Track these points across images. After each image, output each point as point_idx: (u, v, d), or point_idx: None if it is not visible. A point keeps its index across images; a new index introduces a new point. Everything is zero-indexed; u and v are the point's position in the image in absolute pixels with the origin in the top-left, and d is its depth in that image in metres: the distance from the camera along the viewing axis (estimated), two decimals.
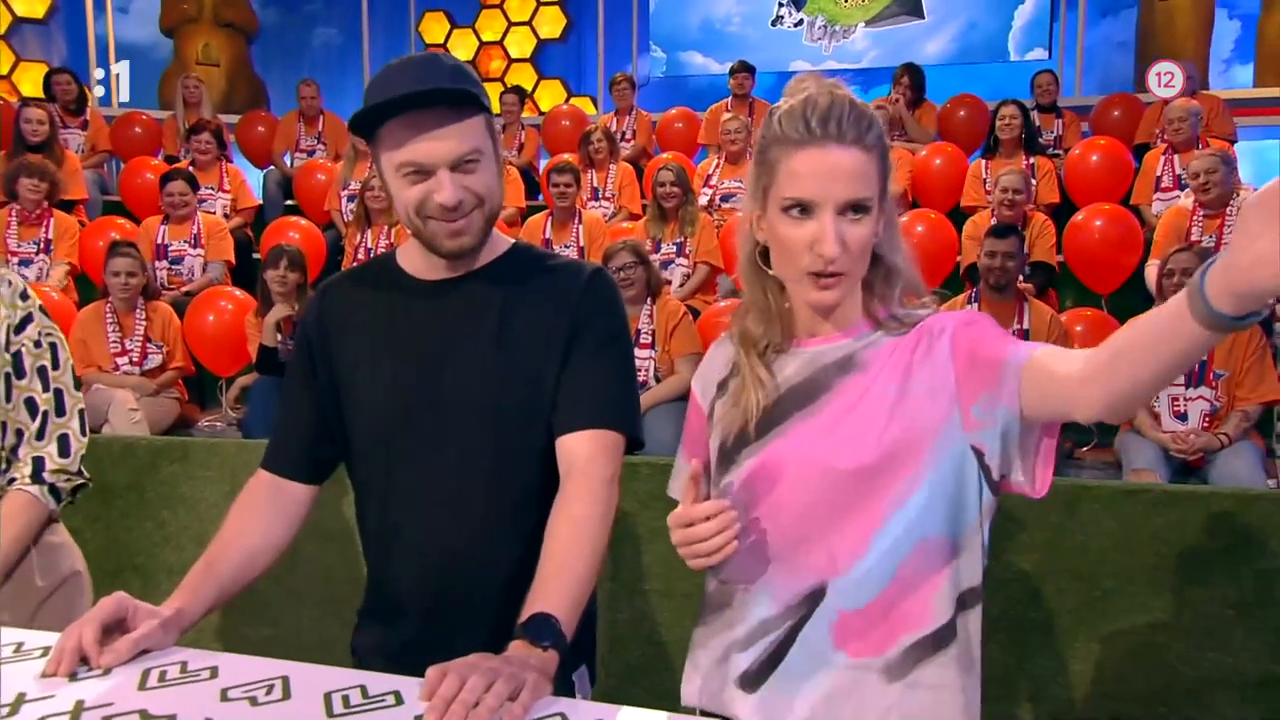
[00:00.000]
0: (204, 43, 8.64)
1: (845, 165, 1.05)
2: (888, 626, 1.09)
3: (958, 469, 1.08)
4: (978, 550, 1.11)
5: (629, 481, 2.50)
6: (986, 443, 1.05)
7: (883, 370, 1.10)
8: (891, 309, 1.13)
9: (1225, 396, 3.38)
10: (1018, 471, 1.05)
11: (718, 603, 1.18)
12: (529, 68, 9.33)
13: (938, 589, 1.09)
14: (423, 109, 1.17)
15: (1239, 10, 7.63)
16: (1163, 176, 5.10)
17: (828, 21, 8.50)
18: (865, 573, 1.08)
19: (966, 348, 1.07)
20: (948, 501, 1.08)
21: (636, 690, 2.50)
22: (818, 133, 1.05)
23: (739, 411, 1.15)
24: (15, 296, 1.48)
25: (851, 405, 1.09)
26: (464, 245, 1.24)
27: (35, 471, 1.49)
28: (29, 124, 5.52)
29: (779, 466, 1.11)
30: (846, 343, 1.13)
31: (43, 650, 1.06)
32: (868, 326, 1.14)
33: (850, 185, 1.05)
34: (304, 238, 5.10)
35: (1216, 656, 2.16)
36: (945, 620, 1.09)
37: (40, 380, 1.49)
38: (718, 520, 1.05)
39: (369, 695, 0.96)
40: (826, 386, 1.11)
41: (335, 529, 2.54)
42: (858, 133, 1.05)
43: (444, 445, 1.26)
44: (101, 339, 4.12)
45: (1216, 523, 2.17)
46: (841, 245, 1.05)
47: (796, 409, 1.12)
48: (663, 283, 4.07)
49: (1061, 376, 0.96)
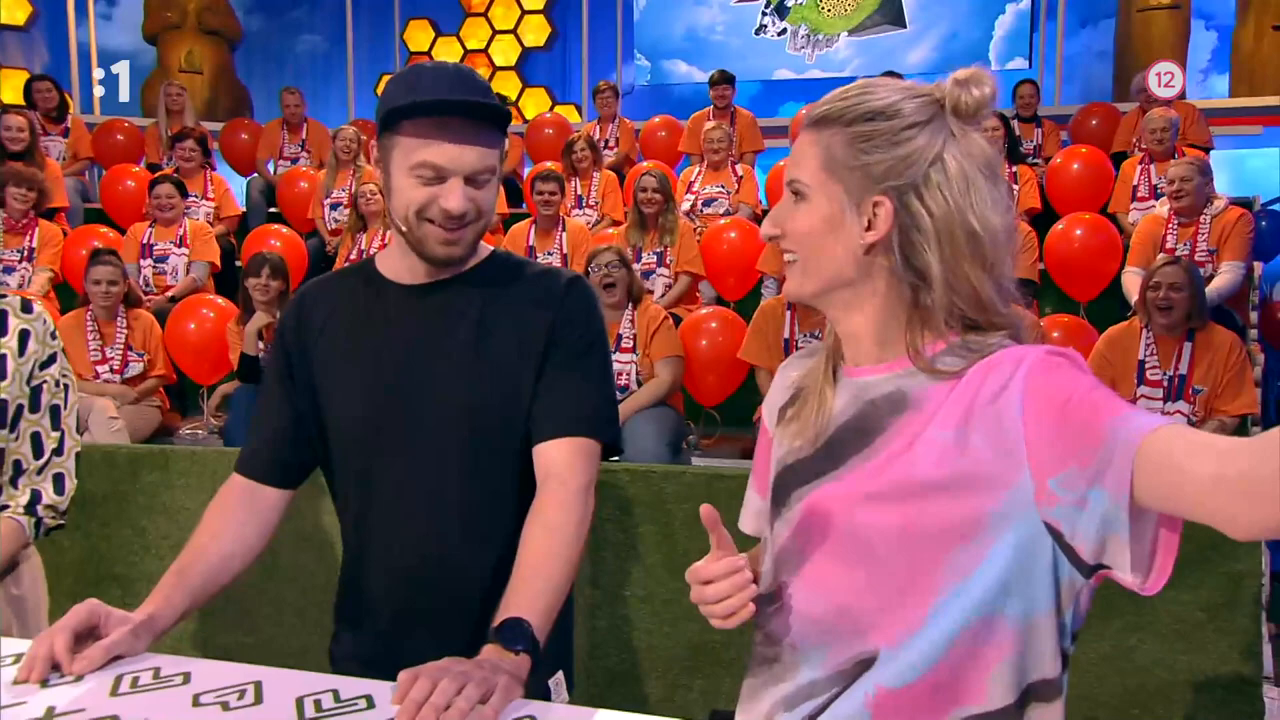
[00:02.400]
0: (187, 50, 8.63)
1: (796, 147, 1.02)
2: (936, 704, 0.95)
3: (1026, 543, 0.91)
4: (1054, 637, 0.94)
5: (609, 488, 2.51)
6: (1065, 521, 0.87)
7: (938, 412, 0.94)
8: (948, 339, 0.97)
9: (1203, 411, 3.39)
10: (1120, 566, 0.86)
11: (764, 656, 1.08)
12: (514, 76, 9.35)
13: (994, 668, 0.93)
14: (455, 117, 1.20)
15: (1215, 21, 7.74)
16: (1139, 185, 5.16)
17: (811, 31, 8.57)
18: (917, 647, 0.94)
19: (1046, 403, 0.88)
20: (1016, 578, 0.92)
21: (615, 697, 2.50)
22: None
23: (802, 424, 1.04)
24: (47, 335, 1.53)
25: (903, 449, 0.95)
26: (453, 255, 1.26)
27: (30, 503, 1.53)
28: (9, 131, 5.49)
29: (828, 514, 1.00)
30: (893, 375, 0.99)
31: (14, 657, 1.06)
32: (914, 359, 0.98)
33: (789, 167, 1.02)
34: (286, 245, 5.10)
35: (1188, 659, 2.19)
36: (1007, 703, 0.94)
37: (51, 419, 1.55)
38: (729, 582, 0.96)
39: (341, 699, 0.96)
40: (880, 427, 0.98)
41: (314, 536, 2.54)
42: (816, 114, 1.01)
43: (419, 450, 1.27)
44: (82, 347, 4.10)
45: (1188, 526, 2.18)
46: (780, 226, 1.01)
47: (854, 451, 0.99)
48: (644, 289, 4.09)
49: (1194, 477, 0.78)
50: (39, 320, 1.53)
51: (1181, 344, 3.43)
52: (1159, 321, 3.43)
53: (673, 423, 3.72)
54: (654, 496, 2.52)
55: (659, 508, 2.52)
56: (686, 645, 2.46)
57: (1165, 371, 3.43)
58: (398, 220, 1.26)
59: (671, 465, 3.02)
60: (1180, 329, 3.43)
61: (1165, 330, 3.44)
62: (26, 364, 1.50)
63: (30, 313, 1.52)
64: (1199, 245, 4.30)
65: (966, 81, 0.97)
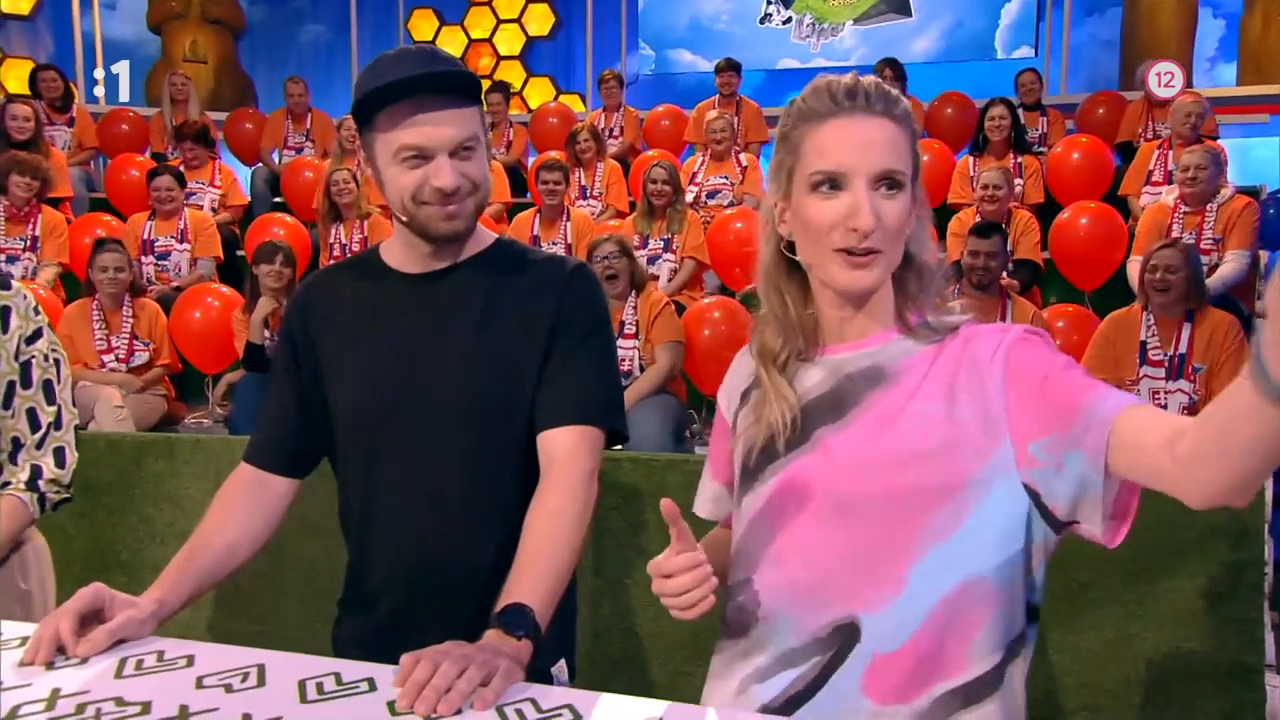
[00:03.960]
0: (191, 39, 8.61)
1: (876, 135, 0.99)
2: (920, 673, 0.99)
3: (1005, 504, 0.98)
4: (1025, 595, 1.02)
5: (613, 476, 2.52)
6: (1043, 483, 0.96)
7: (922, 385, 1.01)
8: (924, 314, 1.05)
9: (1204, 390, 3.42)
10: (1092, 521, 0.94)
11: (734, 630, 1.11)
12: (518, 65, 9.33)
13: (977, 635, 0.99)
14: (424, 95, 1.19)
15: (1222, 9, 7.68)
16: (1154, 170, 5.14)
17: (816, 20, 8.53)
18: (901, 611, 0.99)
19: (1028, 376, 0.96)
20: (995, 539, 0.98)
21: (618, 683, 2.52)
22: (845, 104, 1.00)
23: (760, 426, 1.07)
24: (29, 310, 1.54)
25: (887, 420, 1.00)
26: (456, 229, 1.26)
27: (31, 479, 1.53)
28: (14, 120, 5.50)
29: (805, 485, 1.03)
30: (873, 350, 1.05)
31: (20, 640, 1.07)
32: (897, 333, 1.05)
33: (882, 155, 0.99)
34: (290, 235, 5.10)
35: (1189, 647, 2.20)
36: (987, 669, 0.99)
37: (45, 394, 1.54)
38: (690, 575, 0.99)
39: (343, 682, 0.97)
40: (855, 399, 1.03)
41: (321, 523, 2.54)
42: (886, 105, 1.00)
43: (424, 436, 1.27)
44: (88, 336, 4.11)
45: (1189, 515, 2.18)
46: (876, 218, 0.97)
47: (823, 422, 1.04)
48: (648, 276, 4.09)
49: (1153, 450, 0.86)
50: (18, 295, 1.52)
51: (1181, 324, 3.49)
52: (1157, 301, 3.49)
53: (675, 411, 3.73)
54: (656, 485, 2.53)
55: (661, 496, 2.52)
56: (688, 632, 2.46)
57: (1166, 351, 3.49)
58: (397, 211, 1.26)
59: (674, 454, 3.02)
60: (1178, 309, 3.49)
61: (1163, 310, 3.50)
62: (11, 340, 1.49)
63: (8, 289, 1.52)
64: (1205, 233, 4.30)
65: None
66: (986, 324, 1.04)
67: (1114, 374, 3.56)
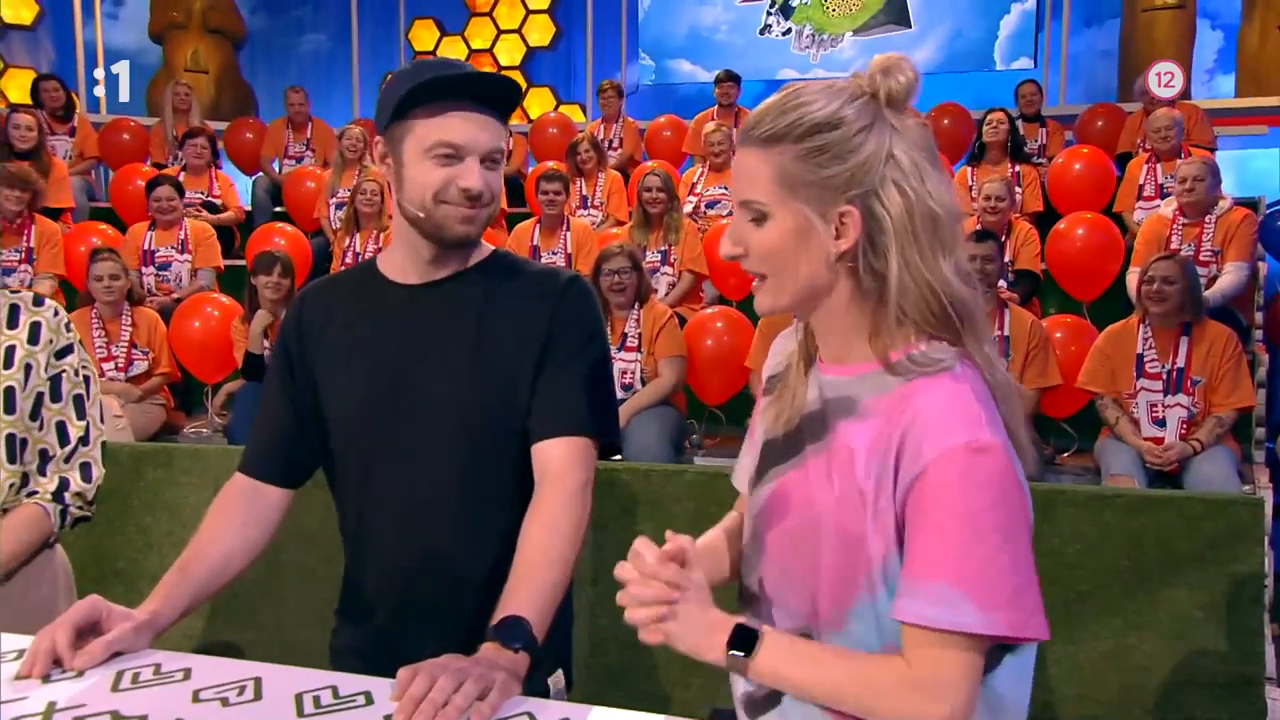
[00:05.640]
0: (192, 49, 8.63)
1: (743, 167, 1.02)
2: None
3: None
4: None
5: (610, 487, 2.52)
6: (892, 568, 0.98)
7: (879, 431, 0.98)
8: (908, 350, 0.99)
9: (1202, 402, 3.43)
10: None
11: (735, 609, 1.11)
12: (518, 75, 9.35)
13: None
14: (468, 99, 1.22)
15: (1220, 21, 7.70)
16: (1145, 185, 5.15)
17: (815, 30, 8.55)
18: (848, 641, 1.00)
19: (923, 505, 0.94)
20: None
21: (616, 693, 2.51)
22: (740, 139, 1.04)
23: (778, 423, 1.10)
24: (60, 326, 1.55)
25: (847, 454, 1.00)
26: (470, 234, 1.27)
27: (58, 490, 1.53)
28: (17, 130, 5.51)
29: (786, 500, 1.06)
30: (850, 380, 1.03)
31: (17, 653, 1.07)
32: (879, 364, 1.01)
33: (737, 186, 1.02)
34: (290, 244, 5.10)
35: (1188, 659, 2.19)
36: None
37: (75, 408, 1.55)
38: (655, 591, 0.99)
39: (340, 696, 0.97)
40: (833, 426, 1.03)
41: (318, 532, 2.54)
42: (759, 133, 1.00)
43: (418, 447, 1.28)
44: (87, 345, 4.08)
45: (1189, 526, 2.19)
46: (743, 246, 1.02)
47: (812, 440, 1.05)
48: (651, 289, 4.09)
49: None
50: (50, 311, 1.54)
51: (1179, 337, 3.48)
52: (1153, 312, 3.49)
53: (675, 422, 3.73)
54: (655, 495, 2.53)
55: (660, 507, 2.52)
56: None
57: (1164, 364, 3.48)
58: (413, 209, 1.26)
59: (673, 464, 3.02)
60: (1175, 321, 3.48)
61: (1160, 321, 3.49)
62: (40, 353, 1.50)
63: (42, 305, 1.54)
64: (1204, 245, 4.30)
65: (890, 70, 0.99)
66: (951, 397, 0.96)
67: (1111, 388, 3.56)
